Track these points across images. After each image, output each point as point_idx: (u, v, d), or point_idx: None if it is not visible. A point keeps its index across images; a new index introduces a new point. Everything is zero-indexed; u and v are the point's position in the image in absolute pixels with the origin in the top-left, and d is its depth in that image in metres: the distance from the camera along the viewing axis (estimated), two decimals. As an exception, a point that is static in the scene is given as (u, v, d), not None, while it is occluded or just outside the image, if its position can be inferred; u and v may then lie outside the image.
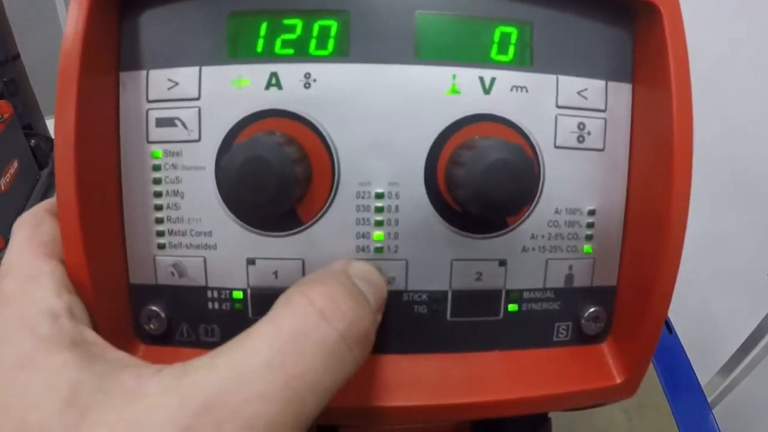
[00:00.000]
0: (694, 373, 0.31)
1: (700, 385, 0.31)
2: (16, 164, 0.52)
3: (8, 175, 0.51)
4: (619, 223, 0.19)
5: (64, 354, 0.13)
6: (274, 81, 0.17)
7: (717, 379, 0.34)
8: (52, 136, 0.62)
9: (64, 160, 0.16)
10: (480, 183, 0.15)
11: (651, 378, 0.32)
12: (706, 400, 0.30)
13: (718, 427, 0.29)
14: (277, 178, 0.15)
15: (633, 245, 0.19)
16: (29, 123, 0.54)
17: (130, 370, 0.13)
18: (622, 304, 0.19)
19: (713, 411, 0.30)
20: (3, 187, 0.50)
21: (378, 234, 0.18)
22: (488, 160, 0.15)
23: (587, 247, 0.19)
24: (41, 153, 0.54)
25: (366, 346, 0.14)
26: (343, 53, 0.17)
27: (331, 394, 0.13)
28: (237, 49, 0.18)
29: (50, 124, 0.59)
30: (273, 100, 0.17)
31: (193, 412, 0.11)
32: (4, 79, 0.52)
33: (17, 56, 0.54)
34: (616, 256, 0.19)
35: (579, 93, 0.18)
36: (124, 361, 0.13)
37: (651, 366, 0.35)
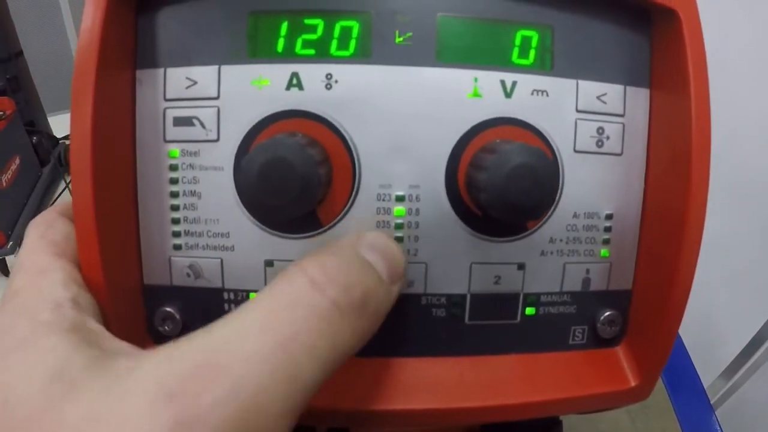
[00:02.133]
0: (698, 375, 0.31)
1: (703, 387, 0.31)
2: (17, 161, 0.51)
3: (10, 171, 0.50)
4: (635, 228, 0.19)
5: (60, 335, 0.12)
6: (295, 81, 0.17)
7: (720, 381, 0.34)
8: (54, 134, 0.61)
9: (80, 158, 0.15)
10: (503, 187, 0.15)
11: (654, 380, 0.31)
12: (709, 402, 0.30)
13: (721, 429, 0.29)
14: (301, 180, 0.15)
15: (649, 249, 0.19)
16: (31, 120, 0.53)
17: (128, 356, 0.12)
18: (637, 307, 0.19)
19: (716, 413, 0.30)
20: (4, 184, 0.49)
21: (398, 236, 0.17)
22: (511, 164, 0.15)
23: (604, 251, 0.19)
24: (43, 150, 0.53)
25: (366, 314, 0.13)
26: (365, 54, 0.17)
27: (331, 365, 0.12)
28: (257, 48, 0.17)
29: (52, 121, 0.58)
30: (294, 100, 0.17)
31: (181, 376, 0.11)
32: (7, 76, 0.51)
33: (20, 53, 0.52)
34: (632, 260, 0.19)
35: (598, 98, 0.18)
36: (124, 350, 0.13)
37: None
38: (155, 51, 0.17)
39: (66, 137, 0.56)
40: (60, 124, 0.57)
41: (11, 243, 0.45)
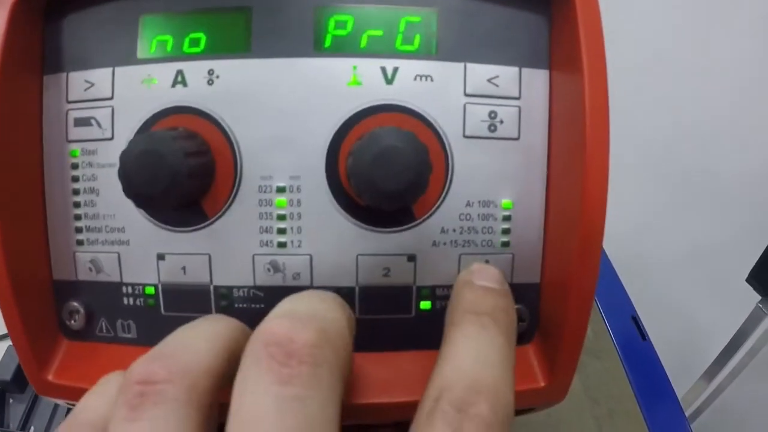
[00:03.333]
0: (669, 382, 0.28)
1: (675, 394, 0.28)
2: None
3: None
4: (539, 217, 0.18)
5: None
6: (180, 78, 0.17)
7: (700, 384, 0.31)
8: None
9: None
10: (368, 171, 0.14)
11: (622, 385, 0.29)
12: (681, 409, 0.27)
13: (692, 438, 0.26)
14: (169, 170, 0.15)
15: (554, 241, 0.17)
16: None
17: None
18: (546, 302, 0.18)
19: (700, 417, 0.27)
20: None
21: (280, 228, 0.17)
22: (376, 148, 0.14)
23: (504, 242, 0.17)
24: None
25: None
26: (245, 48, 0.17)
27: None
28: (147, 49, 0.18)
29: None
30: (179, 97, 0.17)
31: None
32: None
33: None
34: (539, 251, 0.18)
35: (490, 80, 0.17)
36: None
37: (623, 372, 0.32)
38: (60, 56, 0.18)
39: None
40: None
41: None
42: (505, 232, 0.17)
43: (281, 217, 0.17)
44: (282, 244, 0.17)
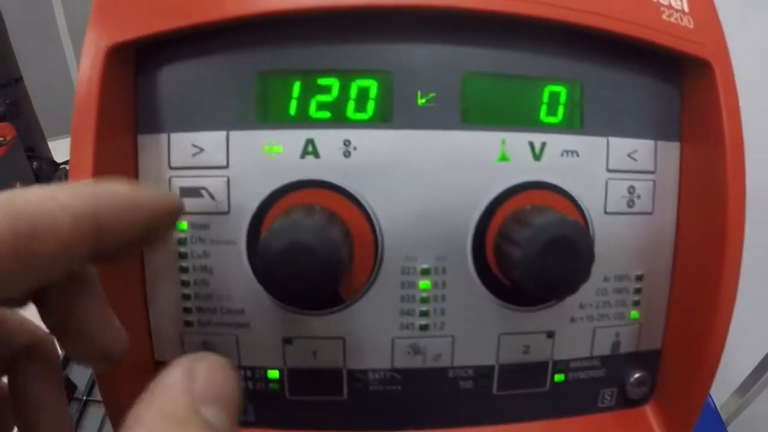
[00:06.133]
0: (710, 395, 0.29)
1: (715, 405, 0.29)
2: (18, 187, 0.48)
3: (13, 198, 0.47)
4: (665, 286, 0.17)
5: None
6: (310, 148, 0.15)
7: (734, 398, 0.33)
8: (55, 159, 0.58)
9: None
10: (538, 265, 0.13)
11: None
12: (721, 419, 0.29)
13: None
14: (322, 266, 0.13)
15: (679, 307, 0.17)
16: (31, 145, 0.50)
17: None
18: (666, 366, 0.18)
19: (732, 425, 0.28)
20: (8, 211, 0.46)
21: (423, 311, 0.15)
22: (545, 239, 0.13)
23: (634, 313, 0.17)
24: (43, 175, 0.50)
25: None
26: (385, 118, 0.15)
27: None
28: (267, 111, 0.15)
29: (53, 146, 0.54)
30: (310, 169, 0.15)
31: None
32: (7, 102, 0.47)
33: (20, 79, 0.49)
34: (662, 319, 0.17)
35: (629, 155, 0.16)
36: None
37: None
38: (157, 114, 0.15)
39: (66, 162, 0.53)
40: (60, 149, 0.53)
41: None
42: (636, 303, 0.17)
43: (424, 300, 0.15)
44: (424, 327, 0.16)
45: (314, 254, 0.12)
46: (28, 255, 0.09)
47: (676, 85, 0.17)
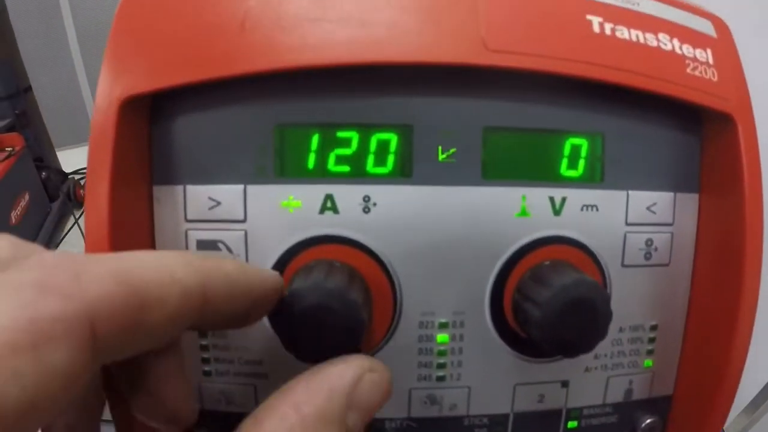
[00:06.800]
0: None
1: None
2: (27, 197, 0.48)
3: (19, 208, 0.47)
4: (679, 335, 0.17)
5: None
6: (329, 204, 0.15)
7: (741, 418, 0.33)
8: (63, 169, 0.58)
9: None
10: (557, 325, 0.13)
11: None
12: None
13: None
14: (344, 328, 0.12)
15: (693, 354, 0.17)
16: (40, 156, 0.50)
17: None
18: (678, 411, 0.18)
19: None
20: (14, 220, 0.46)
21: (440, 363, 0.15)
22: (565, 301, 0.13)
23: (648, 362, 0.17)
24: (52, 185, 0.50)
25: None
26: (405, 173, 0.15)
27: None
28: (285, 165, 0.15)
29: (61, 156, 0.54)
30: (329, 225, 0.15)
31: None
32: (16, 112, 0.47)
33: (28, 89, 0.48)
34: (674, 366, 0.17)
35: (648, 208, 0.16)
36: None
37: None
38: (172, 165, 0.15)
39: (75, 172, 0.53)
40: (69, 159, 0.53)
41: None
42: (650, 352, 0.17)
43: (442, 353, 0.15)
44: (441, 378, 0.15)
45: (337, 317, 0.12)
46: (135, 325, 0.08)
47: (697, 135, 0.16)
